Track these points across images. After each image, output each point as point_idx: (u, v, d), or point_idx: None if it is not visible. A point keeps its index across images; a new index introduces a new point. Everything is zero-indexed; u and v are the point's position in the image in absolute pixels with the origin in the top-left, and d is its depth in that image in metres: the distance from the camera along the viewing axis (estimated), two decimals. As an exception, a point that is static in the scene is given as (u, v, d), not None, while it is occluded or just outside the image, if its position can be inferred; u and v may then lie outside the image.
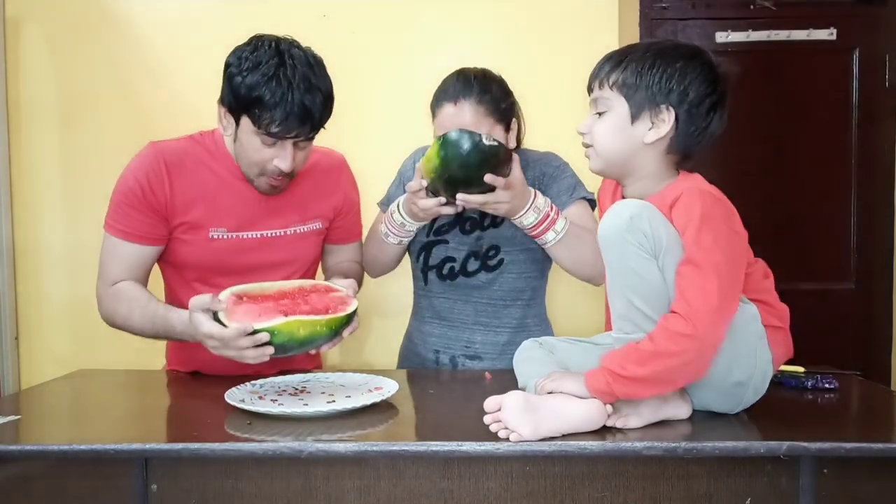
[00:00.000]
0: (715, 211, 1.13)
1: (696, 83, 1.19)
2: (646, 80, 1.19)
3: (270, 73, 1.37)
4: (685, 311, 1.07)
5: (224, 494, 1.09)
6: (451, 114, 1.52)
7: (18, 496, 1.10)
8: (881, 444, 1.07)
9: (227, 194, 1.52)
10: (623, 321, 1.14)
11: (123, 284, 1.50)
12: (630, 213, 1.11)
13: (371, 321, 2.18)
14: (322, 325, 1.33)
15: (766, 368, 1.18)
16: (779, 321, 1.22)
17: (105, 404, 1.43)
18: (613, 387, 1.09)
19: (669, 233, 1.11)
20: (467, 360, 1.66)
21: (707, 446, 1.06)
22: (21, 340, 2.22)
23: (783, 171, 2.64)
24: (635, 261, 1.10)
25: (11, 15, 2.17)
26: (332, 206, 1.64)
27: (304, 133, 1.43)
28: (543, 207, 1.49)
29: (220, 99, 1.46)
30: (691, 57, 1.21)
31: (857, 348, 2.64)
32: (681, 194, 1.14)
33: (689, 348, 1.07)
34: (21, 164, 2.19)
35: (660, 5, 2.59)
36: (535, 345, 1.36)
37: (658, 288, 1.11)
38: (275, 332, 1.28)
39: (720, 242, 1.11)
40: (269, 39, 1.42)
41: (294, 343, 1.31)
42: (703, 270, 1.08)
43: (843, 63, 2.63)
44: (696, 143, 1.21)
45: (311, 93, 1.40)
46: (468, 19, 2.16)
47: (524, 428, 1.06)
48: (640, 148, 1.21)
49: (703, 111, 1.19)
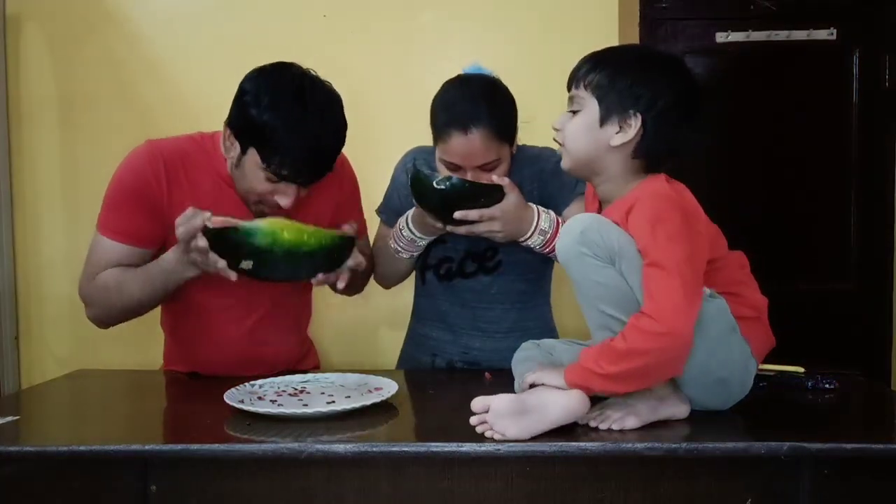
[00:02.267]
0: (668, 212, 1.16)
1: (666, 92, 1.21)
2: (618, 84, 1.21)
3: (286, 115, 1.33)
4: (652, 309, 1.09)
5: (223, 495, 1.09)
6: (461, 144, 1.45)
7: (17, 497, 1.10)
8: (882, 445, 1.07)
9: (225, 196, 1.49)
10: (602, 331, 1.17)
11: (102, 274, 1.45)
12: (581, 228, 1.15)
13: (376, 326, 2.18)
14: (309, 235, 1.27)
15: (745, 361, 1.20)
16: (752, 311, 1.23)
17: (105, 405, 1.43)
18: (590, 383, 1.11)
19: (621, 238, 1.14)
20: (466, 365, 1.65)
21: (708, 447, 1.06)
22: (21, 340, 2.22)
23: (783, 172, 2.63)
24: (595, 271, 1.14)
25: (11, 15, 2.16)
26: (332, 203, 1.62)
27: (311, 180, 1.41)
28: (549, 228, 1.48)
29: (229, 122, 1.41)
30: (666, 66, 1.25)
31: (857, 348, 2.64)
32: (635, 202, 1.18)
33: (659, 345, 1.09)
34: (21, 164, 2.19)
35: (660, 5, 2.59)
36: (533, 345, 1.38)
37: (624, 292, 1.13)
38: (255, 232, 1.22)
39: (678, 241, 1.13)
40: (290, 75, 1.38)
41: (280, 250, 1.24)
42: (664, 269, 1.10)
43: (843, 63, 2.62)
44: (664, 150, 1.23)
45: (326, 139, 1.37)
46: (468, 19, 2.16)
47: (511, 430, 1.08)
48: (606, 150, 1.23)
49: (672, 120, 1.21)
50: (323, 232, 1.30)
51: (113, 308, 1.48)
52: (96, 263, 1.46)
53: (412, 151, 1.71)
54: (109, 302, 1.47)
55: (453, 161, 1.48)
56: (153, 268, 1.43)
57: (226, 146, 1.44)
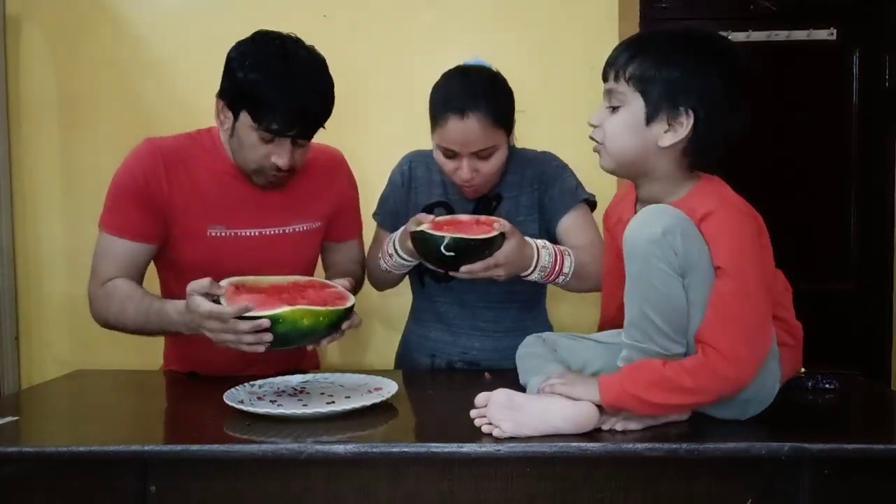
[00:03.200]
0: (748, 228, 1.10)
1: (716, 81, 1.10)
2: (665, 76, 1.10)
3: (273, 72, 1.37)
4: (728, 350, 1.05)
5: (223, 496, 1.09)
6: (457, 128, 1.46)
7: (17, 497, 1.09)
8: (882, 445, 1.07)
9: (225, 192, 1.51)
10: (634, 328, 1.11)
11: (115, 282, 1.46)
12: (663, 227, 1.04)
13: (373, 326, 2.18)
14: (324, 317, 1.30)
15: (773, 384, 1.18)
16: (792, 339, 1.21)
17: (104, 405, 1.43)
18: (634, 407, 1.08)
19: (701, 250, 1.06)
20: (465, 365, 1.65)
21: (708, 447, 1.06)
22: (21, 340, 2.21)
23: (783, 172, 2.64)
24: (658, 277, 1.06)
25: (11, 15, 2.16)
26: (330, 203, 1.63)
27: (303, 132, 1.42)
28: (548, 264, 1.47)
29: (220, 93, 1.45)
30: (713, 48, 1.13)
31: (857, 348, 2.64)
32: (713, 210, 1.08)
33: (729, 389, 1.07)
34: (21, 164, 2.19)
35: (660, 5, 2.59)
36: (539, 340, 1.36)
37: (678, 306, 1.07)
38: (279, 320, 1.25)
39: (761, 268, 1.09)
40: (273, 36, 1.42)
41: (296, 333, 1.27)
42: (745, 302, 1.06)
43: (843, 63, 2.63)
44: (718, 145, 1.14)
45: (313, 93, 1.40)
46: (468, 19, 2.16)
47: (505, 423, 1.07)
48: (655, 150, 1.13)
49: (724, 110, 1.11)
50: (333, 311, 1.32)
51: (107, 322, 1.49)
52: (102, 262, 1.48)
53: (409, 155, 1.71)
54: (108, 316, 1.48)
55: (450, 147, 1.48)
56: (155, 311, 1.41)
57: (220, 119, 1.47)
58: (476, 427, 1.11)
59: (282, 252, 1.57)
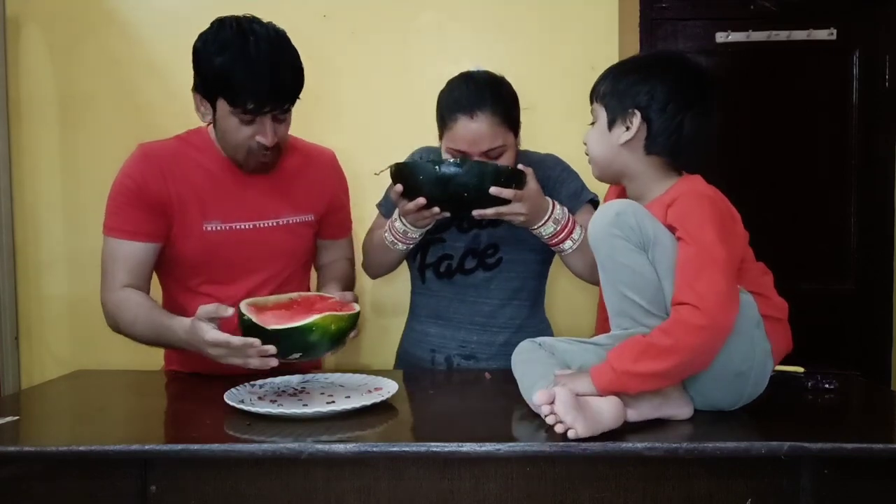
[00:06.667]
0: (711, 209, 1.17)
1: (661, 85, 1.25)
2: (618, 88, 1.28)
3: (236, 52, 1.39)
4: (695, 299, 1.09)
5: (223, 496, 1.09)
6: (467, 127, 1.48)
7: (17, 497, 1.10)
8: (882, 445, 1.07)
9: (219, 188, 1.54)
10: (620, 317, 1.17)
11: (127, 293, 1.49)
12: (616, 210, 1.16)
13: (369, 320, 2.18)
14: (345, 321, 1.34)
15: (764, 360, 1.19)
16: (776, 312, 1.23)
17: (104, 405, 1.43)
18: (629, 385, 1.11)
19: (656, 226, 1.16)
20: (462, 359, 1.66)
21: (708, 447, 1.06)
22: (21, 340, 2.21)
23: (783, 172, 2.64)
24: (625, 255, 1.15)
25: (11, 15, 2.16)
26: (323, 201, 1.66)
27: (279, 106, 1.45)
28: (562, 218, 1.51)
29: (194, 87, 1.48)
30: (664, 61, 1.31)
31: (857, 348, 2.64)
32: (677, 197, 1.20)
33: (703, 340, 1.09)
34: (21, 164, 2.19)
35: (660, 5, 2.59)
36: (535, 346, 1.35)
37: (651, 280, 1.14)
38: (312, 328, 1.28)
39: (720, 236, 1.13)
40: (230, 20, 1.44)
41: (327, 339, 1.31)
42: (706, 261, 1.11)
43: (843, 63, 2.63)
44: (674, 143, 1.25)
45: (279, 66, 1.42)
46: (468, 20, 2.16)
47: (580, 425, 1.06)
48: (618, 150, 1.29)
49: (672, 112, 1.24)
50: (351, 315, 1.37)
51: (119, 330, 1.53)
52: (111, 267, 1.51)
53: (418, 151, 1.72)
54: (119, 326, 1.52)
55: (460, 148, 1.50)
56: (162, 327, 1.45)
57: (201, 112, 1.50)
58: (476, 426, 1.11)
59: (278, 245, 1.59)
